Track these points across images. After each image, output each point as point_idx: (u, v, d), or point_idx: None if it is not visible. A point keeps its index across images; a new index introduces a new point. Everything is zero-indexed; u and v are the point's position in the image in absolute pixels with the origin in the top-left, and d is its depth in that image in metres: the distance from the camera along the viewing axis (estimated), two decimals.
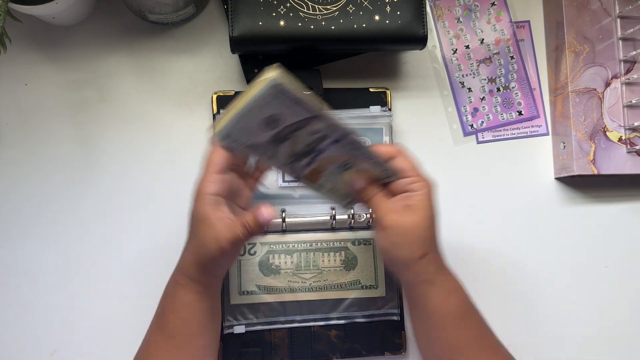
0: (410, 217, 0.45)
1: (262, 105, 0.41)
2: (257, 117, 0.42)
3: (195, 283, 0.47)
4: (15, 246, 0.58)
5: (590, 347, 0.62)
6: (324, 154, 0.47)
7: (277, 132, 0.44)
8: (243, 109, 0.41)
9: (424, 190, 0.46)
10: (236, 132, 0.42)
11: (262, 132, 0.43)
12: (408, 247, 0.45)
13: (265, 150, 0.44)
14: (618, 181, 0.64)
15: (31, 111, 0.59)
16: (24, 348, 0.57)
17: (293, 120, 0.44)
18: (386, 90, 0.61)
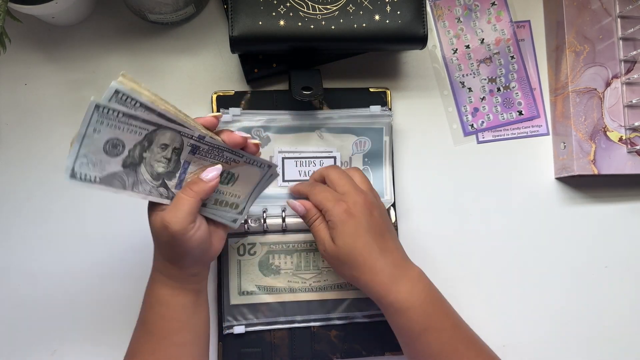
0: (332, 247, 0.48)
1: (91, 133, 0.38)
2: (96, 145, 0.39)
3: (167, 278, 0.46)
4: (15, 246, 0.58)
5: (590, 347, 0.62)
6: (191, 166, 0.45)
7: (124, 157, 0.41)
8: (78, 139, 0.38)
9: (338, 218, 0.47)
10: (82, 166, 0.39)
11: (111, 159, 0.40)
12: (342, 271, 0.49)
13: (125, 179, 0.41)
14: (618, 181, 0.64)
15: (31, 111, 0.59)
16: (24, 348, 0.57)
17: (135, 141, 0.41)
18: (386, 90, 0.61)
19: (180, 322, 0.47)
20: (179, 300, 0.47)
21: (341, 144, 0.59)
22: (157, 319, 0.47)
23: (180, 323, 0.47)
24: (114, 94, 0.38)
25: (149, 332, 0.47)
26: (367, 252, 0.47)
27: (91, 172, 0.39)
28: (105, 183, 0.41)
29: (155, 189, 0.44)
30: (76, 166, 0.38)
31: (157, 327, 0.47)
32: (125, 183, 0.42)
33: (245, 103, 0.59)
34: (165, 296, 0.47)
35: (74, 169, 0.38)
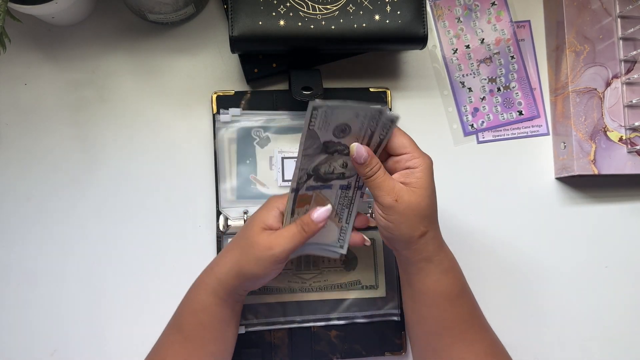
0: (411, 195, 0.45)
1: (358, 114, 0.43)
2: (344, 118, 0.43)
3: (223, 288, 0.47)
4: (15, 246, 0.58)
5: (590, 347, 0.62)
6: (325, 190, 0.49)
7: (334, 142, 0.45)
8: (345, 105, 0.42)
9: (423, 166, 0.46)
10: (327, 113, 0.42)
11: (330, 133, 0.44)
12: (409, 225, 0.45)
13: (309, 147, 0.44)
14: (618, 181, 0.64)
15: (31, 111, 0.59)
16: (24, 348, 0.57)
17: (352, 142, 0.46)
18: (386, 90, 0.61)
19: (217, 333, 0.48)
20: (222, 312, 0.48)
21: None
22: (196, 326, 0.48)
23: (217, 333, 0.49)
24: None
25: (186, 338, 0.48)
26: (436, 208, 0.47)
27: (325, 120, 0.43)
28: (314, 134, 0.44)
29: (303, 171, 0.46)
30: (329, 109, 0.42)
31: (195, 334, 0.48)
32: (311, 145, 0.45)
33: (245, 103, 0.59)
34: (212, 305, 0.47)
35: (326, 109, 0.42)
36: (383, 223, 0.46)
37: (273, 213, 0.48)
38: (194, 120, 0.60)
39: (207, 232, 0.59)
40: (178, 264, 0.59)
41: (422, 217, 0.45)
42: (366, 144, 0.46)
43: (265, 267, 0.46)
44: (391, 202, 0.45)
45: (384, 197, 0.45)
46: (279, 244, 0.46)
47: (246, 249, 0.46)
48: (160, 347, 0.49)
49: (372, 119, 0.44)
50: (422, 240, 0.46)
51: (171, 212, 0.59)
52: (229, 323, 0.50)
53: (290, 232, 0.46)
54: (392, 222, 0.45)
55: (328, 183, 0.49)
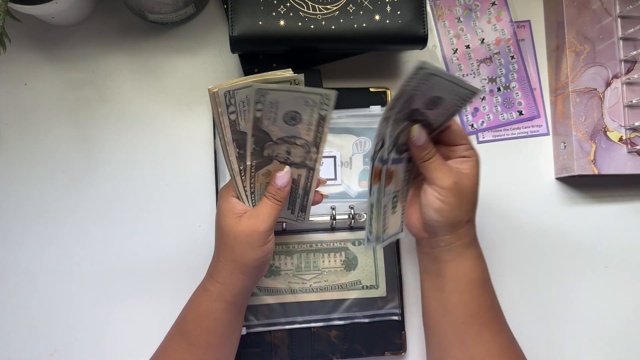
0: (467, 180, 0.47)
1: (454, 91, 0.43)
2: (441, 91, 0.43)
3: (228, 291, 0.47)
4: (15, 246, 0.58)
5: (590, 347, 0.62)
6: (399, 165, 0.48)
7: (421, 112, 0.44)
8: (451, 78, 0.42)
9: (476, 157, 0.48)
10: (427, 83, 0.41)
11: (422, 102, 0.43)
12: (462, 209, 0.47)
13: (402, 111, 0.43)
14: (618, 181, 0.64)
15: (31, 111, 0.59)
16: (24, 348, 0.57)
17: (432, 117, 0.45)
18: (386, 90, 0.61)
19: (222, 338, 0.49)
20: (228, 317, 0.48)
21: (341, 144, 0.59)
22: (201, 332, 0.48)
23: (222, 339, 0.49)
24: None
25: (191, 344, 0.48)
26: (478, 196, 0.49)
27: (420, 86, 0.42)
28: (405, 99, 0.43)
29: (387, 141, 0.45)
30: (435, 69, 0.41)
31: (200, 340, 0.48)
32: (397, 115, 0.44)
33: None
34: (219, 311, 0.48)
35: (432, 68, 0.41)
36: (437, 205, 0.46)
37: (233, 201, 0.48)
38: (194, 120, 0.60)
39: (207, 232, 0.59)
40: (178, 264, 0.59)
41: (472, 203, 0.48)
42: (443, 121, 0.47)
43: (260, 247, 0.46)
44: (451, 183, 0.46)
45: (443, 179, 0.46)
46: (261, 221, 0.46)
47: (234, 243, 0.46)
48: (164, 352, 0.49)
49: (463, 98, 0.44)
50: (467, 225, 0.48)
51: (171, 212, 0.59)
52: (234, 328, 0.50)
53: (264, 206, 0.47)
54: (448, 205, 0.46)
55: (401, 155, 0.48)
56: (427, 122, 0.46)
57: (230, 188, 0.48)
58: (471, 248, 0.48)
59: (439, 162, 0.47)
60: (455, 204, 0.46)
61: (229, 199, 0.48)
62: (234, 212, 0.47)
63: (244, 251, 0.46)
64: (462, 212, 0.47)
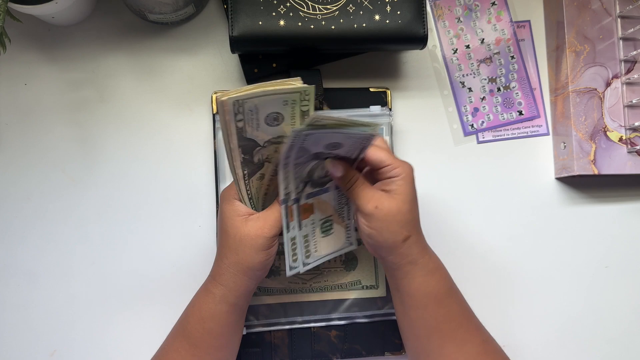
0: (391, 202, 0.46)
1: (350, 136, 0.42)
2: (335, 139, 0.43)
3: (231, 293, 0.47)
4: (15, 246, 0.58)
5: (590, 347, 0.62)
6: (324, 195, 0.49)
7: (325, 153, 0.44)
8: (336, 131, 0.41)
9: (404, 174, 0.47)
10: (312, 138, 0.42)
11: (321, 148, 0.44)
12: (391, 231, 0.46)
13: (300, 157, 0.44)
14: (618, 181, 0.64)
15: (31, 111, 0.59)
16: (24, 348, 0.57)
17: (343, 154, 0.45)
18: (386, 90, 0.61)
19: (224, 340, 0.49)
20: (230, 319, 0.48)
21: None
22: (204, 334, 0.48)
23: (224, 341, 0.49)
24: None
25: (193, 345, 0.48)
26: (418, 213, 0.48)
27: (310, 142, 0.42)
28: (300, 151, 0.43)
29: (298, 181, 0.46)
30: (313, 134, 0.41)
31: (203, 342, 0.48)
32: (297, 160, 0.44)
33: None
34: (221, 313, 0.48)
35: (310, 133, 0.41)
36: (367, 231, 0.46)
37: (237, 203, 0.48)
38: (194, 120, 0.60)
39: (207, 232, 0.59)
40: (178, 264, 0.59)
41: (404, 222, 0.46)
42: (357, 153, 0.47)
43: (264, 251, 0.47)
44: (372, 209, 0.46)
45: (364, 205, 0.46)
46: (269, 227, 0.46)
47: (239, 246, 0.46)
48: (166, 353, 0.49)
49: (364, 139, 0.44)
50: (405, 244, 0.46)
51: (171, 212, 0.59)
52: (236, 329, 0.50)
53: (274, 211, 0.47)
54: (375, 229, 0.46)
55: (325, 187, 0.48)
56: (340, 156, 0.46)
57: (233, 191, 0.48)
58: (418, 265, 0.47)
59: (360, 188, 0.47)
60: (383, 227, 0.46)
61: (232, 201, 0.48)
62: (238, 214, 0.47)
63: (249, 254, 0.46)
64: (392, 234, 0.46)
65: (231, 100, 0.40)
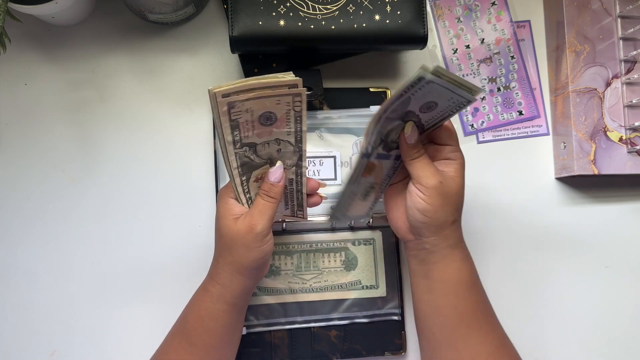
0: (453, 181, 0.47)
1: (452, 97, 0.42)
2: (438, 97, 0.43)
3: (229, 292, 0.47)
4: (15, 246, 0.58)
5: (590, 347, 0.62)
6: (385, 161, 0.49)
7: (415, 114, 0.45)
8: (450, 86, 0.41)
9: (461, 160, 0.48)
10: (426, 89, 0.41)
11: (418, 105, 0.44)
12: (446, 210, 0.46)
13: (395, 111, 0.44)
14: (618, 181, 0.64)
15: (31, 111, 0.59)
16: (24, 348, 0.57)
17: (426, 119, 0.45)
18: (386, 90, 0.61)
19: (223, 339, 0.49)
20: (229, 318, 0.48)
21: (341, 144, 0.59)
22: (202, 333, 0.48)
23: (224, 340, 0.49)
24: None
25: (192, 344, 0.48)
26: (463, 198, 0.49)
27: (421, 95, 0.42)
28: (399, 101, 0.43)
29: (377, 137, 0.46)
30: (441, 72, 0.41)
31: (202, 341, 0.48)
32: (390, 116, 0.44)
33: None
34: (219, 312, 0.48)
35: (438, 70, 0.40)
36: (422, 206, 0.46)
37: (231, 202, 0.48)
38: (194, 120, 0.60)
39: (207, 232, 0.59)
40: (178, 264, 0.59)
41: (457, 205, 0.47)
42: (436, 122, 0.47)
43: (258, 248, 0.46)
44: (436, 183, 0.46)
45: (428, 178, 0.46)
46: (256, 222, 0.46)
47: (232, 245, 0.46)
48: (165, 352, 0.49)
49: (459, 105, 0.44)
50: (452, 226, 0.47)
51: (171, 212, 0.59)
52: (235, 328, 0.50)
53: (259, 206, 0.47)
54: (432, 205, 0.46)
55: (389, 152, 0.48)
56: (419, 122, 0.47)
57: (229, 189, 0.48)
58: (457, 249, 0.48)
59: (426, 161, 0.47)
60: (440, 204, 0.46)
61: (228, 200, 0.48)
62: (231, 213, 0.47)
63: (242, 253, 0.46)
64: (446, 213, 0.46)
65: (222, 93, 0.40)
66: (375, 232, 0.59)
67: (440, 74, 0.40)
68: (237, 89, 0.41)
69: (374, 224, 0.58)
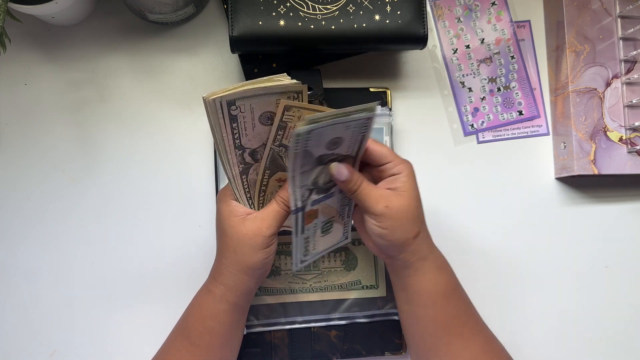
0: (400, 199, 0.46)
1: (349, 126, 0.42)
2: (335, 133, 0.42)
3: (232, 293, 0.47)
4: (15, 246, 0.58)
5: (590, 347, 0.62)
6: (329, 200, 0.48)
7: (328, 154, 0.44)
8: (335, 121, 0.41)
9: (407, 171, 0.47)
10: (313, 137, 0.41)
11: (323, 148, 0.43)
12: (403, 229, 0.46)
13: (305, 164, 0.43)
14: (618, 181, 0.64)
15: (31, 111, 0.59)
16: (24, 348, 0.57)
17: (344, 152, 0.45)
18: (386, 90, 0.61)
19: (225, 339, 0.49)
20: (231, 318, 0.48)
21: None
22: (204, 333, 0.48)
23: (225, 340, 0.49)
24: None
25: (194, 344, 0.48)
26: (423, 209, 0.48)
27: (311, 142, 0.41)
28: (304, 155, 0.42)
29: (304, 189, 0.45)
30: (313, 134, 0.40)
31: (203, 341, 0.48)
32: (303, 167, 0.43)
33: None
34: (222, 313, 0.48)
35: (310, 134, 0.40)
36: (377, 231, 0.46)
37: (234, 204, 0.47)
38: (194, 120, 0.60)
39: (207, 232, 0.59)
40: (178, 264, 0.59)
41: (414, 219, 0.46)
42: (357, 148, 0.46)
43: (263, 250, 0.46)
44: (383, 208, 0.45)
45: (374, 206, 0.46)
46: (267, 226, 0.46)
47: (237, 245, 0.46)
48: (167, 352, 0.49)
49: (362, 125, 0.44)
50: (416, 241, 0.47)
51: (171, 212, 0.59)
52: (237, 329, 0.50)
53: (273, 211, 0.47)
54: (387, 229, 0.46)
55: (329, 192, 0.48)
56: (340, 156, 0.46)
57: (229, 191, 0.48)
58: (428, 261, 0.47)
59: (366, 190, 0.46)
60: (395, 226, 0.46)
61: (229, 201, 0.47)
62: (235, 214, 0.47)
63: (247, 253, 0.46)
64: (404, 231, 0.46)
65: (222, 99, 0.40)
66: None
67: (314, 121, 0.39)
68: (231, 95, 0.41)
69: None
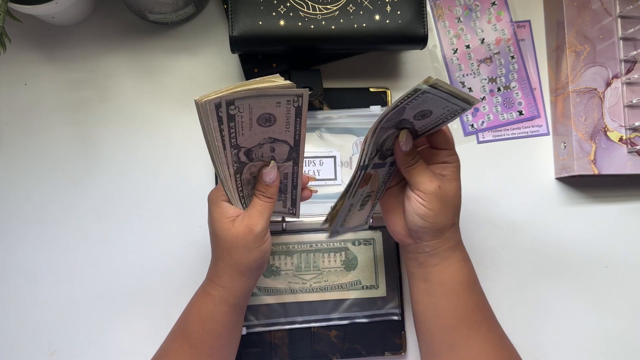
0: (450, 185, 0.47)
1: (447, 105, 0.43)
2: (434, 106, 0.43)
3: (230, 294, 0.47)
4: (15, 246, 0.58)
5: (590, 347, 0.62)
6: (381, 169, 0.49)
7: (409, 121, 0.45)
8: (449, 95, 0.41)
9: (458, 163, 0.48)
10: (423, 98, 0.41)
11: (412, 113, 0.44)
12: (446, 214, 0.47)
13: (390, 120, 0.44)
14: (618, 181, 0.64)
15: (31, 111, 0.59)
16: (24, 348, 0.57)
17: (419, 126, 0.46)
18: (386, 90, 0.61)
19: (224, 340, 0.49)
20: (230, 319, 0.48)
21: (341, 144, 0.59)
22: (203, 335, 0.48)
23: (225, 340, 0.49)
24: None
25: (193, 346, 0.48)
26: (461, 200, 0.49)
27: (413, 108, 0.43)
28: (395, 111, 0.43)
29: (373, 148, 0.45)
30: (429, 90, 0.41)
31: (203, 343, 0.48)
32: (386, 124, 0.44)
33: None
34: (221, 314, 0.48)
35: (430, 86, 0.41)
36: (422, 211, 0.46)
37: (225, 205, 0.47)
38: (194, 120, 0.60)
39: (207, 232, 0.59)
40: (178, 264, 0.59)
41: (456, 207, 0.48)
42: (429, 129, 0.47)
43: (257, 248, 0.46)
44: (435, 188, 0.46)
45: (427, 184, 0.46)
46: (255, 223, 0.46)
47: (231, 247, 0.46)
48: (166, 354, 0.49)
49: (454, 112, 0.44)
50: (452, 229, 0.48)
51: (171, 212, 0.59)
52: (236, 329, 0.50)
53: (256, 206, 0.47)
54: (432, 210, 0.46)
55: (384, 161, 0.48)
56: (413, 129, 0.47)
57: (220, 192, 0.47)
58: (456, 251, 0.48)
59: (422, 167, 0.47)
60: (440, 208, 0.46)
61: (220, 203, 0.47)
62: (226, 216, 0.47)
63: (242, 254, 0.46)
64: (446, 216, 0.47)
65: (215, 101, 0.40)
66: (375, 232, 0.59)
67: (438, 86, 0.40)
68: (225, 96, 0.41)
69: (374, 224, 0.58)
